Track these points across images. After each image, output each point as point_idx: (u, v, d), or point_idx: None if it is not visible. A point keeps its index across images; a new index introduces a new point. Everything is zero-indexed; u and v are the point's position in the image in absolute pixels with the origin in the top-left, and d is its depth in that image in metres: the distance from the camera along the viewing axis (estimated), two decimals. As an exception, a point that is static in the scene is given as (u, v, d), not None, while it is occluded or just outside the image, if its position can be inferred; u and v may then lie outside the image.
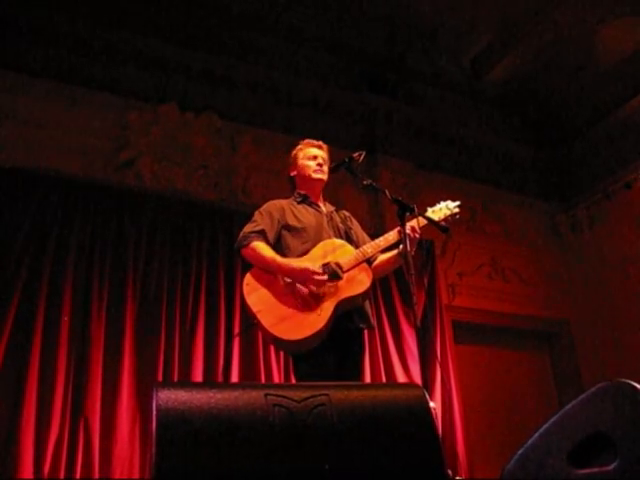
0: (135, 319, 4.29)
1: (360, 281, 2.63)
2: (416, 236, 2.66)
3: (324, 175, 2.95)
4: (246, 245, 2.71)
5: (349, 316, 2.63)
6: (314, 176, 2.94)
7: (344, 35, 6.02)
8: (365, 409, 1.55)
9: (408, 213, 2.58)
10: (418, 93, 6.45)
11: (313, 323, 2.49)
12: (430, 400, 1.67)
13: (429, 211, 2.83)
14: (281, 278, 2.61)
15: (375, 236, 2.80)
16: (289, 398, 1.49)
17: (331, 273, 2.59)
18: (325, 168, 2.95)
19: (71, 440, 3.80)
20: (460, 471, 4.76)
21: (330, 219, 2.91)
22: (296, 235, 2.78)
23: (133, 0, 5.20)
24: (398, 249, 2.69)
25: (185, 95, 5.26)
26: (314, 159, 2.96)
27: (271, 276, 2.63)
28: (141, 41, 5.21)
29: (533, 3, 5.61)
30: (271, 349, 4.55)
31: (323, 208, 2.96)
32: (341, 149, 3.18)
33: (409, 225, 2.62)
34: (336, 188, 4.81)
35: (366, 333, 2.85)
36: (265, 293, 2.58)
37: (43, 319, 4.01)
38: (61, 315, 4.07)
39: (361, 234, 2.96)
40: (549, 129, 7.00)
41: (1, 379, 3.76)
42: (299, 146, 3.05)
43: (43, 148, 4.59)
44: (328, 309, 2.52)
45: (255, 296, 2.58)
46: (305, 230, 2.79)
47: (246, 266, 2.77)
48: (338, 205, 3.13)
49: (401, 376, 5.00)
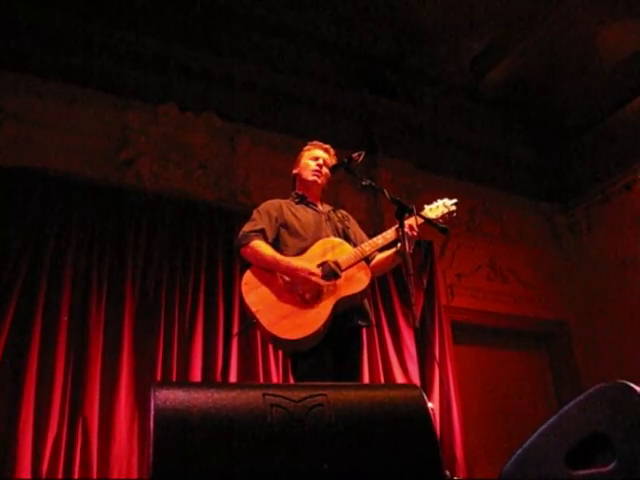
0: (134, 319, 4.29)
1: (359, 279, 2.63)
2: (414, 234, 2.65)
3: (319, 178, 2.94)
4: (246, 244, 2.70)
5: (348, 315, 2.63)
6: (309, 178, 2.94)
7: (344, 35, 6.03)
8: (363, 409, 1.55)
9: (407, 214, 2.58)
10: (418, 93, 6.45)
11: (312, 322, 2.48)
12: (428, 400, 1.67)
13: (427, 209, 2.84)
14: (280, 277, 2.60)
15: (374, 236, 2.80)
16: (287, 398, 1.49)
17: (329, 272, 2.59)
18: (325, 171, 2.95)
19: (69, 439, 3.79)
20: (458, 471, 4.75)
21: (328, 218, 2.91)
22: (294, 233, 2.79)
23: (133, 0, 5.20)
24: (396, 247, 2.69)
25: (185, 95, 5.25)
26: (315, 160, 2.97)
27: (270, 275, 2.62)
28: (141, 41, 5.20)
29: (533, 4, 5.62)
30: (270, 349, 4.55)
31: (321, 208, 2.96)
32: (341, 149, 3.17)
33: (407, 223, 2.61)
34: (335, 188, 4.81)
35: (364, 332, 2.85)
36: (264, 292, 2.57)
37: (42, 318, 4.00)
38: (60, 314, 4.06)
39: (359, 233, 2.96)
40: (548, 130, 7.00)
41: (-1, 378, 3.76)
42: (307, 146, 3.07)
43: (43, 148, 4.59)
44: (327, 307, 2.52)
45: (254, 295, 2.57)
46: (303, 229, 2.80)
47: (245, 266, 2.76)
48: (337, 205, 3.13)
49: (400, 376, 5.00)
